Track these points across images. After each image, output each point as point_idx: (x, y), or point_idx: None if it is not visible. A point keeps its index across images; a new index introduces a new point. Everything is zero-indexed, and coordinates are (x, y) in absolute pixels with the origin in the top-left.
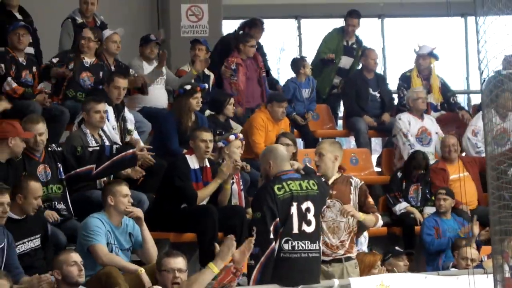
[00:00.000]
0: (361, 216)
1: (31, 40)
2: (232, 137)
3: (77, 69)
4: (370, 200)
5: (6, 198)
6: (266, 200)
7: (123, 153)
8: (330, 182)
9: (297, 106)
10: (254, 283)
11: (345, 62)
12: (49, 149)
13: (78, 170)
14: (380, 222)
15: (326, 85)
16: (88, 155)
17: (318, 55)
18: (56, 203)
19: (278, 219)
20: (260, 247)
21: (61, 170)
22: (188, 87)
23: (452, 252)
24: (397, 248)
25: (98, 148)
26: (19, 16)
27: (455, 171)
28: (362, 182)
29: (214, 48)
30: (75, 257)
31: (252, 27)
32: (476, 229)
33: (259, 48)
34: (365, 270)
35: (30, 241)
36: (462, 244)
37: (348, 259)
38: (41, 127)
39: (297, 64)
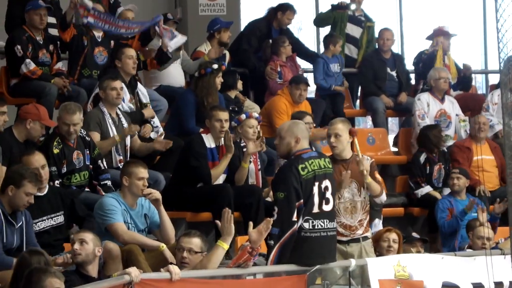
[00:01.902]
0: (368, 178)
1: (55, 22)
2: (243, 116)
3: (90, 45)
4: (378, 176)
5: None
6: (291, 181)
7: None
8: (344, 161)
9: (329, 80)
10: (272, 263)
11: (353, 30)
12: (80, 134)
13: None
14: (384, 197)
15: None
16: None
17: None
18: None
19: (302, 200)
20: (280, 228)
21: (89, 157)
22: (215, 66)
23: (467, 233)
24: (414, 234)
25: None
26: None
27: (479, 152)
28: (373, 160)
29: (242, 35)
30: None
31: (285, 11)
32: (498, 208)
33: (290, 34)
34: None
35: (51, 219)
36: (476, 224)
37: (365, 238)
38: (77, 118)
39: (329, 39)
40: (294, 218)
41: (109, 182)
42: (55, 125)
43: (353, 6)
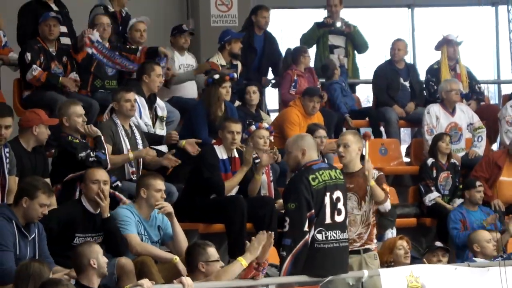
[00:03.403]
0: (371, 182)
1: (66, 31)
2: (252, 127)
3: None
4: (386, 188)
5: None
6: (302, 191)
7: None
8: (350, 174)
9: (348, 101)
10: (285, 274)
11: (336, 40)
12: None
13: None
14: (388, 205)
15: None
16: (83, 162)
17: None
18: None
19: (313, 210)
20: (292, 239)
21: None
22: (216, 76)
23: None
24: (437, 243)
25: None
26: (55, 8)
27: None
28: (381, 173)
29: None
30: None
31: (257, 12)
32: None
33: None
34: (386, 252)
35: (92, 238)
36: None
37: (367, 250)
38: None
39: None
40: (306, 229)
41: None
42: (57, 122)
43: (338, 24)
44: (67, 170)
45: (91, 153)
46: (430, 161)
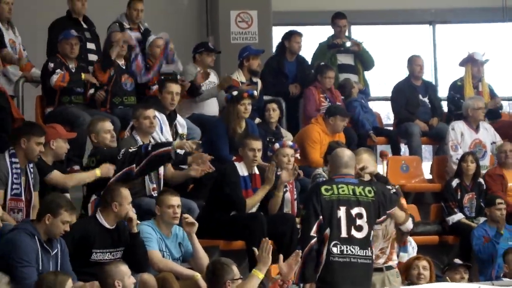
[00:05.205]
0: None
1: (94, 48)
2: (276, 145)
3: (117, 74)
4: (404, 203)
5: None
6: (312, 199)
7: (162, 149)
8: None
9: (370, 117)
10: (297, 280)
11: (345, 59)
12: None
13: (117, 175)
14: (410, 225)
15: None
16: (126, 157)
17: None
18: None
19: (321, 217)
20: (301, 245)
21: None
22: (235, 93)
23: (503, 261)
24: (456, 260)
25: (136, 149)
26: (84, 25)
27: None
28: (397, 186)
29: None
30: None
31: (290, 37)
32: None
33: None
34: (402, 271)
35: (110, 253)
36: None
37: (389, 268)
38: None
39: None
40: (313, 234)
41: None
42: (75, 135)
43: (348, 44)
44: (105, 180)
45: (128, 149)
46: (455, 182)
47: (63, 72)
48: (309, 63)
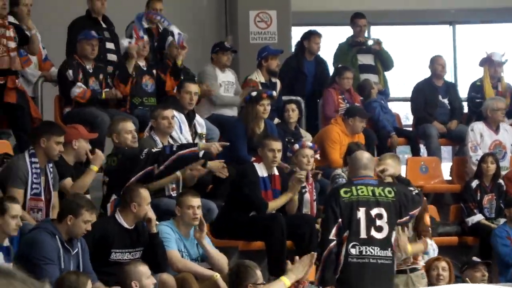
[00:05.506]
0: (409, 251)
1: (113, 47)
2: (296, 146)
3: (138, 75)
4: (427, 220)
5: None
6: (331, 202)
7: (189, 149)
8: None
9: (389, 118)
10: (317, 282)
11: (365, 59)
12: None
13: (137, 175)
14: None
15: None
16: (149, 157)
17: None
18: None
19: (340, 220)
20: (321, 248)
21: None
22: (254, 93)
23: None
24: (474, 258)
25: (160, 149)
26: (103, 25)
27: None
28: (420, 189)
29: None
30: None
31: (309, 37)
32: None
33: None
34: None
35: (129, 253)
36: None
37: (414, 270)
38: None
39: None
40: (332, 237)
41: None
42: (97, 135)
43: (370, 42)
44: (126, 179)
45: (151, 149)
46: (474, 183)
47: (84, 88)
48: (330, 64)
